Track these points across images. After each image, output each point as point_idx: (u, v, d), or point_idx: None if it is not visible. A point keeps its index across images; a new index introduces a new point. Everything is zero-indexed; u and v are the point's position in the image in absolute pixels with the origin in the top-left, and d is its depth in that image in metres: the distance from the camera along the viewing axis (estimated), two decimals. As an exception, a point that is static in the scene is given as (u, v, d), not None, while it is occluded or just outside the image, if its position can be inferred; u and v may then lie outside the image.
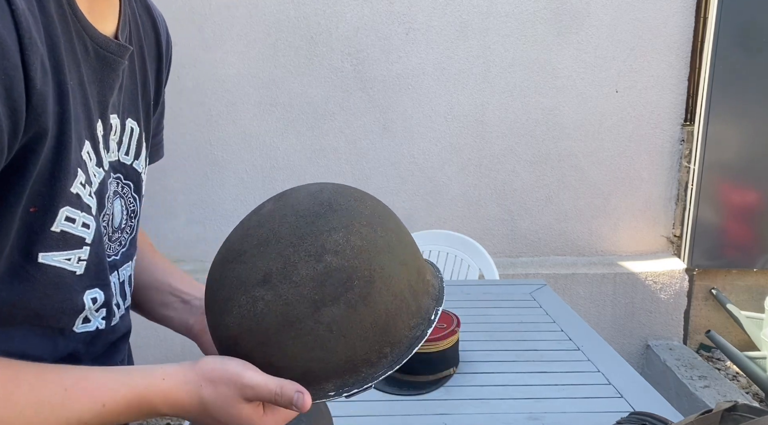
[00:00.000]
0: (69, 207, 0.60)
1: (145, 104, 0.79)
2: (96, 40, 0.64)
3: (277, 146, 2.76)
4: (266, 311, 0.63)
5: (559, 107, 2.80)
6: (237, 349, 0.66)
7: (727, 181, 2.83)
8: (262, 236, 0.67)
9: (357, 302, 0.64)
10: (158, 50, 0.82)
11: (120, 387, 0.61)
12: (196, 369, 0.64)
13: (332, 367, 0.64)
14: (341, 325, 0.63)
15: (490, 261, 2.27)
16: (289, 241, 0.65)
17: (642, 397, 1.28)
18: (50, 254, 0.60)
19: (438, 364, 1.34)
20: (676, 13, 2.74)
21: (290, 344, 0.63)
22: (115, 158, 0.71)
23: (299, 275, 0.63)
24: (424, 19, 2.69)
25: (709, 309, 2.97)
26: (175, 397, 0.62)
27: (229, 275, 0.66)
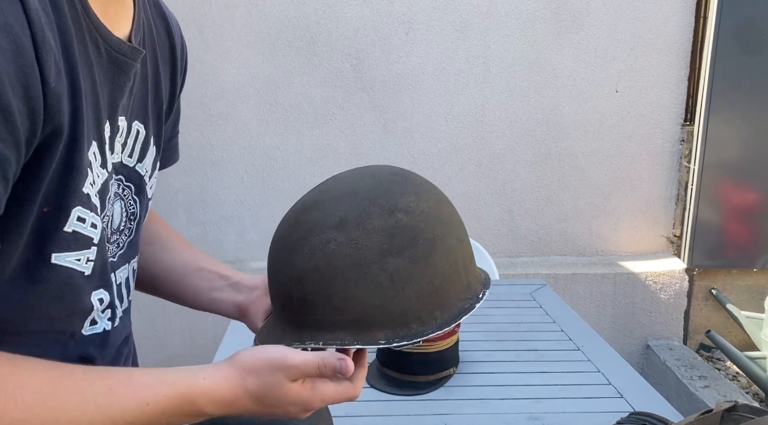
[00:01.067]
0: (80, 207, 0.61)
1: (157, 108, 0.79)
2: (109, 42, 0.64)
3: (277, 146, 2.76)
4: (337, 251, 0.67)
5: (559, 106, 2.80)
6: (299, 289, 0.69)
7: (727, 181, 2.83)
8: (340, 190, 0.72)
9: (419, 259, 0.68)
10: (172, 55, 0.82)
11: (162, 386, 0.62)
12: (234, 365, 0.65)
13: (387, 317, 0.68)
14: (402, 277, 0.68)
15: (490, 261, 2.27)
16: (366, 196, 0.70)
17: (642, 397, 1.28)
18: (63, 255, 0.60)
19: (438, 364, 1.34)
20: (676, 12, 2.74)
21: (353, 286, 0.67)
22: (118, 160, 0.71)
23: (372, 225, 0.68)
24: (424, 19, 2.69)
25: (709, 309, 2.97)
26: (218, 394, 0.63)
27: (305, 219, 0.71)
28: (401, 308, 0.68)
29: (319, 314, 0.68)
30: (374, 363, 1.41)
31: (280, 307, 0.73)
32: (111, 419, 0.58)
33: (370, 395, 1.31)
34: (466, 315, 0.71)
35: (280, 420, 0.84)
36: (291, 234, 0.71)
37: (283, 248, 0.72)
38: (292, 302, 0.70)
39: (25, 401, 0.54)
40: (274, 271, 0.74)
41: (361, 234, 0.68)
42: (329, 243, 0.68)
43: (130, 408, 0.59)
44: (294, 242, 0.70)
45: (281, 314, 0.73)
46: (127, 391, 0.60)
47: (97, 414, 0.57)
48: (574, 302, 2.87)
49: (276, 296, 0.74)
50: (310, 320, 0.69)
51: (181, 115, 0.90)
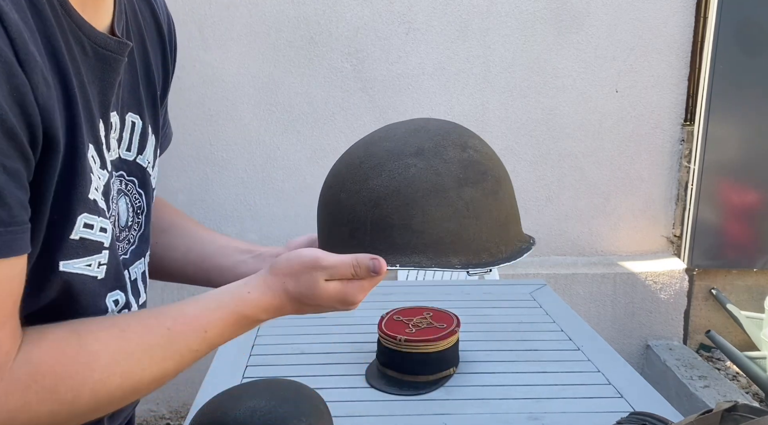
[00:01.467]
0: (87, 214, 0.60)
1: (151, 95, 0.77)
2: (94, 39, 0.62)
3: (277, 146, 2.76)
4: (417, 175, 0.69)
5: (559, 106, 2.80)
6: (376, 211, 0.70)
7: (727, 181, 2.83)
8: (406, 129, 0.74)
9: (489, 193, 0.72)
10: (160, 37, 0.80)
11: (214, 311, 0.66)
12: (273, 271, 0.69)
13: (461, 244, 0.70)
14: (476, 206, 0.71)
15: (490, 261, 2.26)
16: (437, 132, 0.73)
17: (642, 397, 1.28)
18: (71, 262, 0.61)
19: (438, 364, 1.34)
20: (676, 12, 2.74)
21: (433, 210, 0.69)
22: (115, 156, 0.70)
23: (447, 155, 0.71)
24: (424, 19, 2.69)
25: (709, 309, 2.97)
26: (266, 303, 0.68)
27: (378, 150, 0.72)
28: (474, 237, 0.71)
29: (397, 236, 0.69)
30: (374, 363, 1.41)
31: (347, 236, 0.72)
32: (178, 353, 0.64)
33: (370, 395, 1.31)
34: (526, 253, 0.75)
35: (280, 419, 0.84)
36: (362, 163, 0.72)
37: (354, 176, 0.72)
38: (366, 227, 0.71)
39: (100, 364, 0.59)
40: (343, 199, 0.73)
41: (440, 163, 0.70)
42: (409, 168, 0.69)
43: (192, 339, 0.64)
44: (368, 169, 0.71)
45: (348, 242, 0.72)
46: (184, 327, 0.64)
47: (165, 354, 0.63)
48: (574, 302, 2.86)
49: (341, 226, 0.73)
50: (384, 244, 0.70)
51: (181, 115, 0.90)
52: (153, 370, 0.62)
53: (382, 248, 0.70)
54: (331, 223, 0.74)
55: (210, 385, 1.27)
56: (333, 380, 1.36)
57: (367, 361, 1.43)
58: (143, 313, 0.66)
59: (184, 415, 2.79)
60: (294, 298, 0.68)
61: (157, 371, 0.63)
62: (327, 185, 0.76)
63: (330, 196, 0.75)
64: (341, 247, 0.72)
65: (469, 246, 0.71)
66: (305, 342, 1.53)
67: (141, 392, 0.63)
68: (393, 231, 0.69)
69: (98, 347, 0.59)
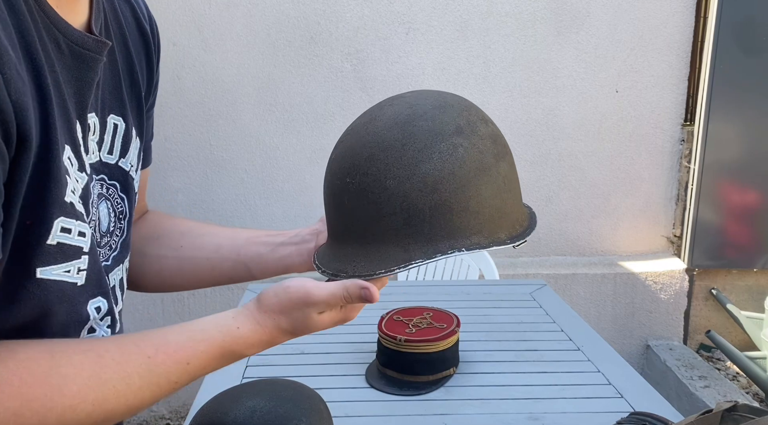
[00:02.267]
0: (64, 217, 0.58)
1: (135, 96, 0.75)
2: (70, 37, 0.60)
3: (277, 146, 2.76)
4: (466, 155, 0.68)
5: (559, 106, 2.80)
6: (434, 196, 0.67)
7: (727, 181, 2.83)
8: (430, 104, 0.71)
9: (512, 165, 0.74)
10: (143, 38, 0.78)
11: (199, 343, 0.64)
12: (262, 309, 0.67)
13: (505, 218, 0.71)
14: (509, 180, 0.72)
15: (490, 261, 2.27)
16: (459, 107, 0.71)
17: (642, 397, 1.28)
18: (48, 269, 0.58)
19: (438, 364, 1.34)
20: (676, 12, 2.74)
21: (485, 188, 0.69)
22: (96, 159, 0.68)
23: (480, 132, 0.71)
24: (424, 19, 2.69)
25: (709, 309, 2.97)
26: (255, 339, 0.66)
27: (417, 130, 0.69)
28: (511, 210, 0.72)
29: (456, 219, 0.68)
30: (374, 363, 1.41)
31: (401, 225, 0.68)
32: (156, 385, 0.61)
33: (370, 395, 1.31)
34: (531, 233, 0.74)
35: (280, 419, 0.84)
36: (405, 146, 0.68)
37: (400, 161, 0.68)
38: (424, 214, 0.67)
39: (71, 389, 0.55)
40: (391, 186, 0.68)
41: (478, 140, 0.70)
42: (457, 148, 0.68)
43: (173, 370, 0.62)
44: (415, 152, 0.68)
45: (403, 232, 0.68)
46: (166, 357, 0.61)
47: (142, 384, 0.60)
48: (574, 302, 2.86)
49: (391, 216, 0.68)
50: (444, 229, 0.68)
51: (181, 115, 0.89)
52: (128, 399, 0.59)
53: (442, 233, 0.68)
54: (376, 213, 0.68)
55: (210, 385, 1.27)
56: (333, 380, 1.36)
57: (367, 361, 1.43)
58: (124, 338, 0.62)
59: (184, 415, 2.79)
60: (287, 332, 0.68)
61: (132, 400, 0.60)
62: (361, 171, 0.69)
63: (369, 184, 0.69)
64: (393, 237, 0.68)
65: (509, 219, 0.71)
66: (305, 342, 1.53)
67: (112, 420, 0.60)
68: (452, 215, 0.67)
69: (71, 371, 0.56)
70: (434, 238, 0.68)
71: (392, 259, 0.68)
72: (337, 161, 0.74)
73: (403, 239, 0.68)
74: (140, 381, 0.60)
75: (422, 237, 0.68)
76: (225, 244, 0.86)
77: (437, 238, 0.68)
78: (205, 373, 0.65)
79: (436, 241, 0.68)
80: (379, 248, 0.70)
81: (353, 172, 0.70)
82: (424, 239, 0.68)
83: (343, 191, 0.71)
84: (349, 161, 0.71)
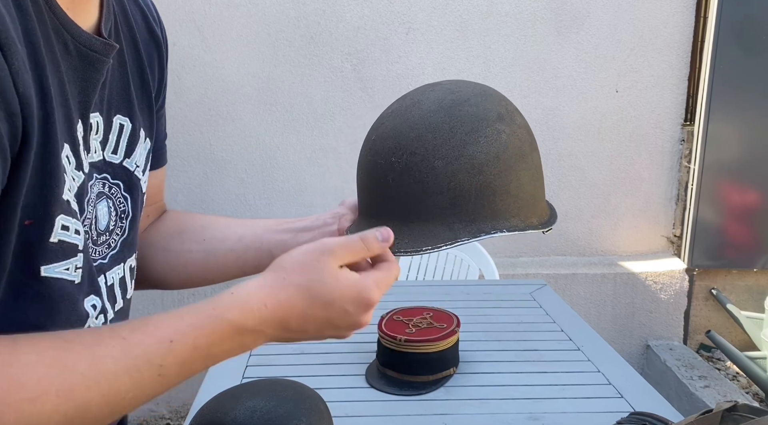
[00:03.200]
0: (63, 215, 0.58)
1: (146, 97, 0.76)
2: (78, 39, 0.60)
3: (277, 146, 2.76)
4: (508, 141, 0.72)
5: (559, 106, 2.80)
6: (479, 178, 0.70)
7: (727, 181, 2.83)
8: (476, 90, 0.75)
9: (539, 156, 0.78)
10: (154, 41, 0.79)
11: (184, 317, 0.55)
12: (270, 268, 0.59)
13: (536, 205, 0.75)
14: (539, 170, 0.76)
15: (490, 261, 2.27)
16: (497, 97, 0.76)
17: (642, 397, 1.28)
18: (51, 267, 0.58)
19: (438, 364, 1.34)
20: (676, 12, 2.74)
21: (522, 174, 0.73)
22: (99, 158, 0.68)
23: (518, 121, 0.76)
24: (424, 19, 2.69)
25: (709, 309, 2.97)
26: (255, 303, 0.56)
27: (463, 114, 0.72)
28: (541, 197, 0.77)
29: (498, 202, 0.71)
30: (374, 363, 1.41)
31: (447, 205, 0.70)
32: (135, 369, 0.52)
33: (370, 395, 1.31)
34: (554, 223, 0.78)
35: (280, 419, 0.84)
36: (453, 129, 0.71)
37: (449, 142, 0.70)
38: (470, 194, 0.70)
39: (31, 380, 0.48)
40: (439, 166, 0.70)
41: (517, 128, 0.74)
42: (501, 134, 0.72)
43: (153, 350, 0.52)
44: (463, 135, 0.71)
45: (448, 211, 0.71)
46: (144, 336, 0.53)
47: (117, 369, 0.51)
48: (574, 302, 2.86)
49: (437, 195, 0.70)
50: (487, 210, 0.71)
51: (181, 115, 0.89)
52: (102, 388, 0.50)
53: (485, 214, 0.71)
54: (421, 192, 0.70)
55: (210, 385, 1.27)
56: (333, 380, 1.36)
57: (367, 361, 1.43)
58: (102, 326, 0.58)
59: (184, 415, 2.79)
60: (300, 289, 0.57)
61: (108, 389, 0.50)
62: (408, 151, 0.71)
63: (416, 163, 0.70)
64: (438, 216, 0.70)
65: (539, 206, 0.76)
66: (305, 342, 1.52)
67: (90, 417, 0.51)
68: (495, 197, 0.71)
69: (34, 358, 0.49)
70: (477, 218, 0.71)
71: (438, 237, 0.70)
72: (380, 141, 0.75)
73: (448, 218, 0.71)
74: (114, 366, 0.51)
75: (466, 217, 0.71)
76: (246, 234, 0.86)
77: (480, 218, 0.71)
78: (201, 356, 0.55)
79: (479, 221, 0.71)
80: (424, 226, 0.71)
81: (399, 151, 0.72)
82: (468, 218, 0.71)
83: (388, 169, 0.72)
84: (394, 141, 0.73)
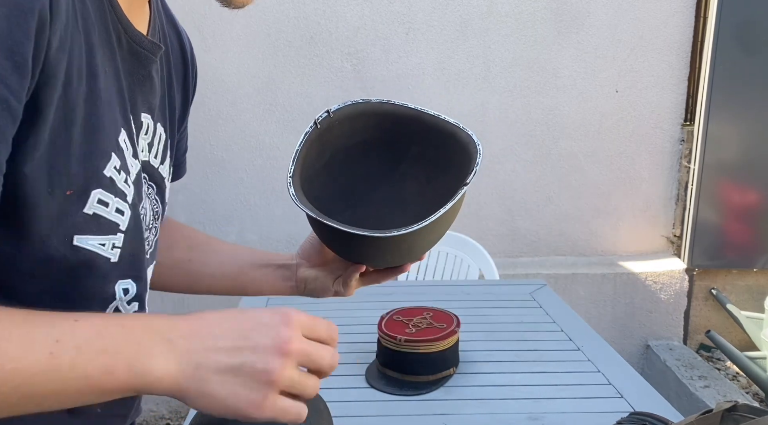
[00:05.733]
0: (101, 190, 0.60)
1: (170, 113, 0.79)
2: (130, 34, 0.64)
3: (277, 146, 2.76)
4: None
5: (559, 106, 2.80)
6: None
7: (727, 181, 2.83)
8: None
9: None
10: (184, 67, 0.84)
11: (92, 304, 0.62)
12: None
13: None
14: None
15: (490, 261, 2.27)
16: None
17: (642, 397, 1.28)
18: (85, 238, 0.60)
19: (438, 364, 1.34)
20: (676, 13, 2.74)
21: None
22: (146, 159, 0.72)
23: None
24: (424, 19, 2.69)
25: (709, 309, 2.97)
26: (175, 315, 0.55)
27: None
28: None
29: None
30: (374, 363, 1.41)
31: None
32: (28, 334, 0.49)
33: (370, 395, 1.31)
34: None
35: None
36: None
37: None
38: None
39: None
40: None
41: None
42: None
43: (54, 321, 0.50)
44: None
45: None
46: (54, 314, 0.51)
47: (12, 330, 0.48)
48: (574, 303, 2.86)
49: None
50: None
51: (182, 115, 0.91)
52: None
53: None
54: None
55: (210, 385, 1.27)
56: (333, 380, 1.35)
57: (367, 361, 1.43)
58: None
59: (184, 415, 2.79)
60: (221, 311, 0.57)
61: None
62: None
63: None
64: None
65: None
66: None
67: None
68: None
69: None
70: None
71: None
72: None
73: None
74: (9, 327, 0.48)
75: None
76: (227, 262, 0.92)
77: None
78: (97, 349, 0.50)
79: None
80: None
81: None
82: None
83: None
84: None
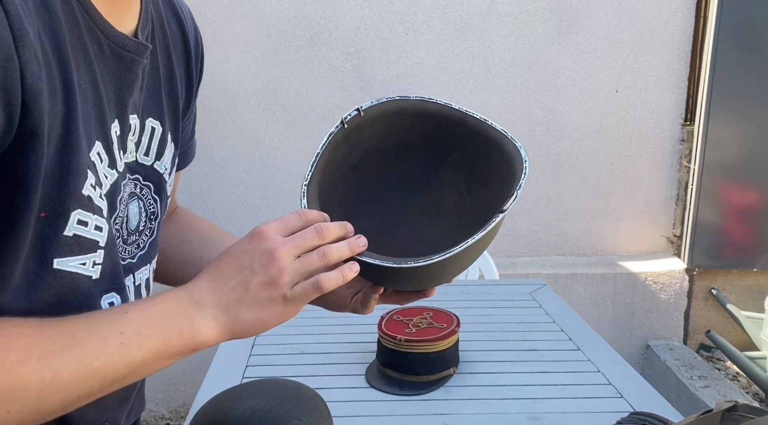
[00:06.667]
0: (81, 210, 0.59)
1: (173, 104, 0.78)
2: (112, 39, 0.62)
3: (277, 146, 2.76)
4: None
5: (559, 106, 2.80)
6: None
7: (727, 181, 2.83)
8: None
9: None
10: (186, 50, 0.81)
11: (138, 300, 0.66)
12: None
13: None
14: None
15: (490, 261, 2.27)
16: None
17: (642, 397, 1.28)
18: (65, 260, 0.59)
19: (438, 364, 1.34)
20: (676, 13, 2.74)
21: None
22: (132, 159, 0.70)
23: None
24: (424, 19, 2.69)
25: (709, 309, 2.97)
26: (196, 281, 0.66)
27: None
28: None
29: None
30: (374, 363, 1.41)
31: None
32: (98, 334, 0.57)
33: (370, 395, 1.31)
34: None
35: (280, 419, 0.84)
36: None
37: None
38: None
39: (16, 346, 0.53)
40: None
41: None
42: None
43: (112, 317, 0.59)
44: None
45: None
46: (103, 312, 0.61)
47: (83, 334, 0.56)
48: (574, 302, 2.86)
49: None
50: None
51: (182, 115, 0.90)
52: (74, 353, 0.55)
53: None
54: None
55: (210, 385, 1.27)
56: (333, 380, 1.36)
57: (367, 361, 1.43)
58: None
59: (184, 415, 2.79)
60: (229, 255, 0.69)
61: (79, 354, 0.55)
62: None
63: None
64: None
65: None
66: (305, 342, 1.53)
67: (64, 383, 0.55)
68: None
69: (17, 330, 0.54)
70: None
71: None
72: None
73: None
74: (81, 333, 0.57)
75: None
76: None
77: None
78: (153, 327, 0.60)
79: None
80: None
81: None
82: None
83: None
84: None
